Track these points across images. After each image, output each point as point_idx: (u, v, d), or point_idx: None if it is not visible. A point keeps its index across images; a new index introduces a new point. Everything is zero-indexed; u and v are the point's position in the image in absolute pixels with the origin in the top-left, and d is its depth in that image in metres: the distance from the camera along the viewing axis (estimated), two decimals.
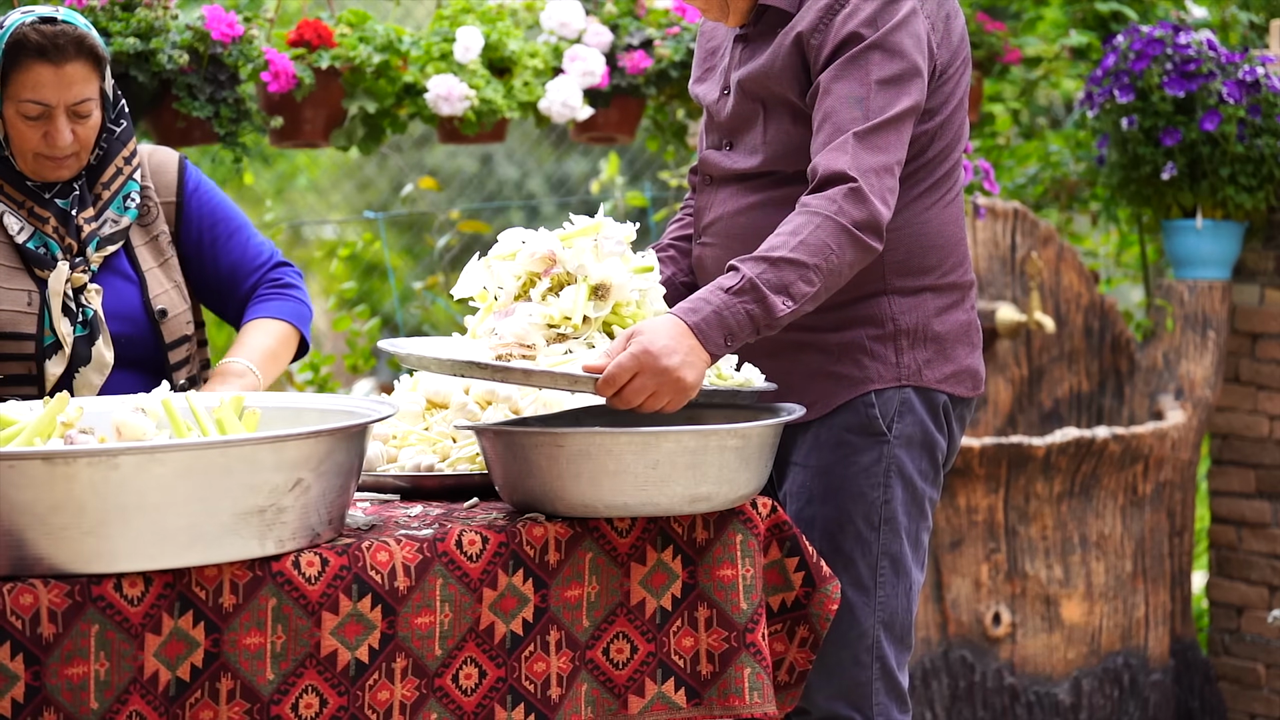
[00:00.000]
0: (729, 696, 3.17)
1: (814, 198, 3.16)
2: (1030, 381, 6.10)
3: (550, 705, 3.04)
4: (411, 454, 3.43)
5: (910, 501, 3.42)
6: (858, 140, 3.19)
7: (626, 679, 3.12)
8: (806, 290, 3.10)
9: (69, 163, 3.68)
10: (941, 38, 3.35)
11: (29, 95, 3.61)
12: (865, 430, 3.39)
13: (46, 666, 2.60)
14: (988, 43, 6.36)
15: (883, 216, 3.18)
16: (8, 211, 3.67)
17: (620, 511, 3.06)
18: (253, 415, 2.96)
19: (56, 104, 3.62)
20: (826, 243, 3.12)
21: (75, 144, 3.66)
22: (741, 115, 3.42)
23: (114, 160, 3.76)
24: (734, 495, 3.12)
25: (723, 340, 3.05)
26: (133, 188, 3.76)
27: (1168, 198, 5.98)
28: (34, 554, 2.61)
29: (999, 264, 6.00)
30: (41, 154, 3.66)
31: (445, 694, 2.94)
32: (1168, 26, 5.91)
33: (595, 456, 3.02)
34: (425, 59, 5.41)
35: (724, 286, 3.07)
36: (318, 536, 2.84)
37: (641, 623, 3.13)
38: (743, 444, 3.08)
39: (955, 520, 5.59)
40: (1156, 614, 5.87)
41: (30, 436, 2.82)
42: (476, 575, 2.97)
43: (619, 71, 5.64)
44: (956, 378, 3.46)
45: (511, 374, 2.98)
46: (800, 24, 3.30)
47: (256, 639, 2.76)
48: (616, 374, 2.96)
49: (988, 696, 5.62)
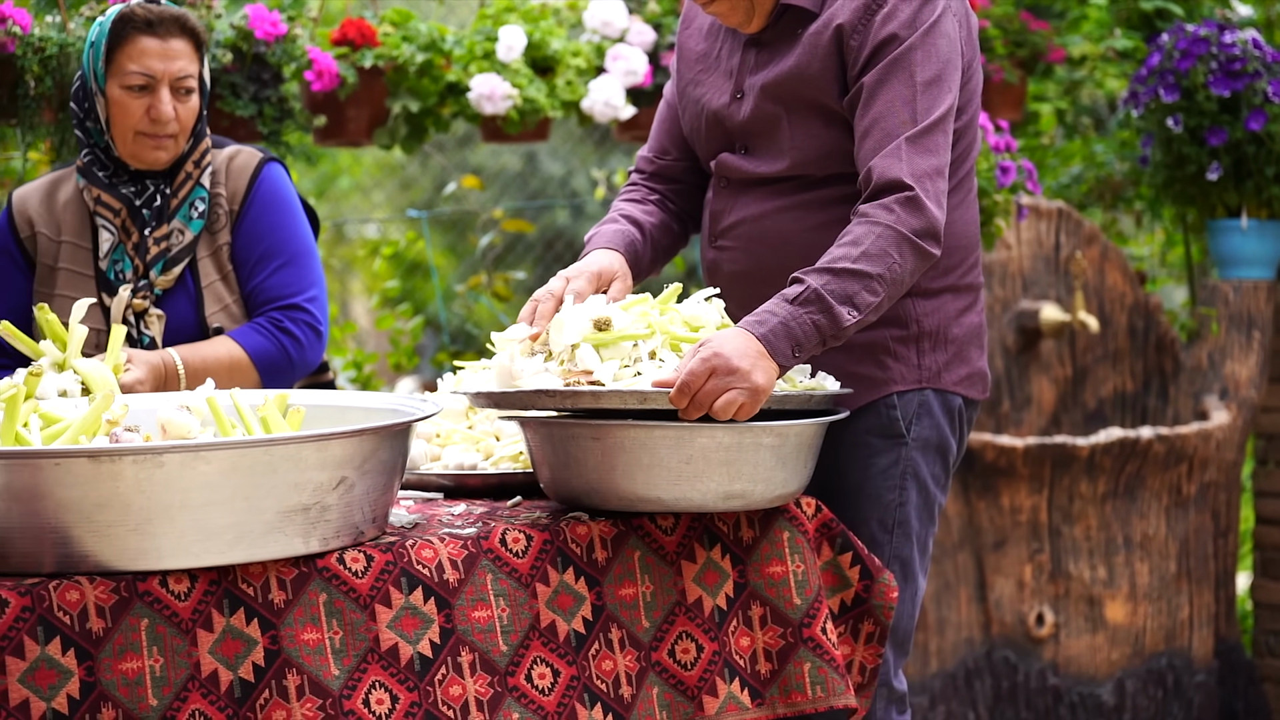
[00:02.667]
0: (791, 694, 3.17)
1: (871, 206, 3.16)
2: (1074, 381, 6.08)
3: (624, 705, 3.03)
4: (455, 452, 3.44)
5: (922, 505, 3.42)
6: (910, 144, 3.18)
7: (697, 679, 3.11)
8: (871, 300, 3.10)
9: (167, 144, 3.73)
10: (966, 35, 3.35)
11: (134, 66, 3.69)
12: (884, 432, 3.39)
13: (99, 661, 2.61)
14: (1031, 42, 6.34)
15: (939, 222, 3.17)
16: (104, 225, 3.72)
17: (654, 506, 3.06)
18: (297, 414, 2.97)
19: (160, 76, 3.70)
20: (888, 251, 3.11)
21: (175, 123, 3.70)
22: (761, 119, 3.39)
23: (184, 166, 3.79)
24: (770, 494, 3.11)
25: (790, 351, 3.04)
26: (200, 194, 3.79)
27: (1212, 197, 5.95)
28: (80, 551, 2.62)
29: (1043, 263, 5.98)
30: (143, 132, 3.71)
31: (523, 694, 2.93)
32: (1213, 25, 5.88)
33: (631, 450, 3.02)
34: (468, 58, 5.42)
35: (789, 298, 3.07)
36: (361, 535, 2.84)
37: (702, 620, 3.13)
38: (779, 442, 3.08)
39: (999, 520, 5.57)
40: (1201, 615, 5.84)
41: (76, 434, 2.83)
42: (526, 571, 2.97)
43: (662, 70, 5.64)
44: (971, 380, 3.46)
45: (581, 398, 2.98)
46: (839, 18, 3.28)
47: (314, 634, 2.76)
48: (689, 381, 2.95)
49: (1031, 697, 5.60)
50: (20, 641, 2.56)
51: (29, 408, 2.89)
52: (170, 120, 3.72)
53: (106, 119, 3.74)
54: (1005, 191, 5.34)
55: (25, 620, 2.57)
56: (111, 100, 3.72)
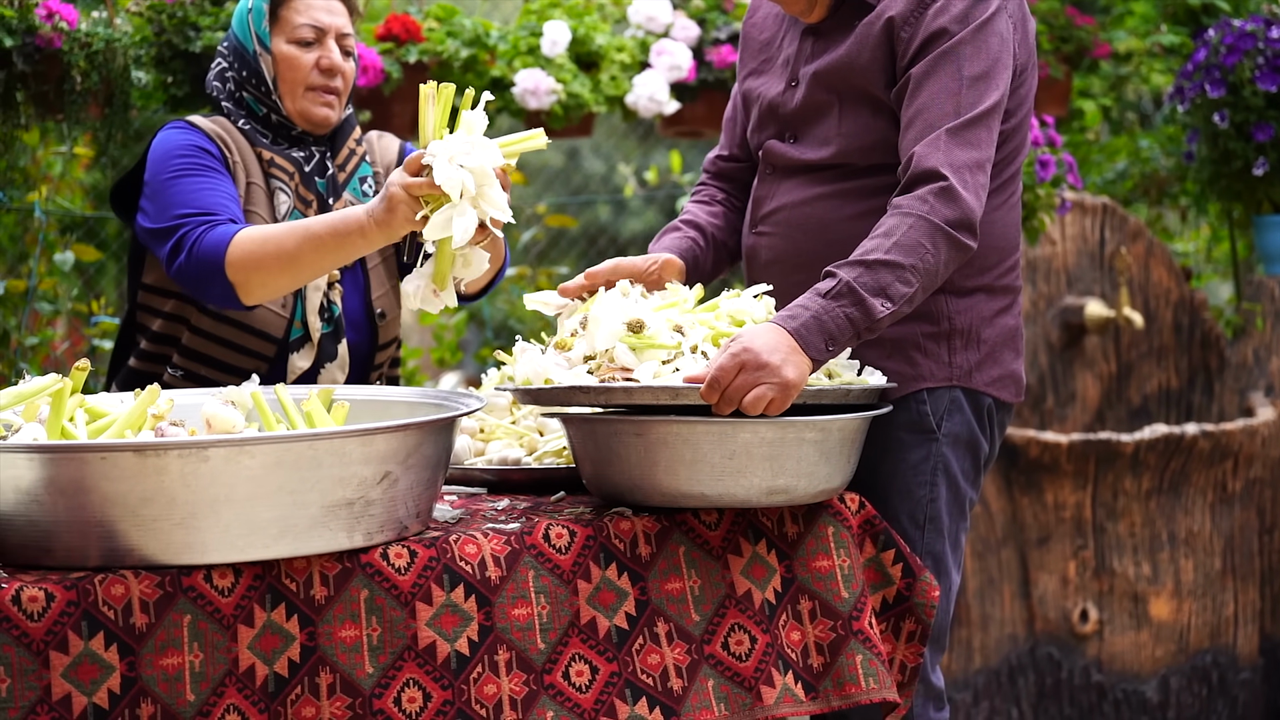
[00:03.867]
0: (845, 685, 3.16)
1: (905, 198, 3.16)
2: (1119, 378, 6.06)
3: (673, 697, 3.02)
4: (498, 447, 3.44)
5: (953, 501, 3.41)
6: (950, 136, 3.18)
7: (753, 670, 3.10)
8: (905, 291, 3.09)
9: (334, 101, 3.75)
10: (1021, 38, 3.34)
11: (302, 19, 3.74)
12: (915, 428, 3.38)
13: (141, 657, 2.62)
14: (1077, 37, 6.32)
15: (975, 213, 3.16)
16: (281, 186, 3.72)
17: (698, 502, 3.06)
18: (341, 408, 2.97)
19: (328, 28, 3.76)
20: (921, 242, 3.11)
21: (342, 79, 3.74)
22: (812, 107, 3.40)
23: (346, 143, 3.82)
24: (814, 489, 3.11)
25: (824, 345, 3.03)
26: (366, 170, 3.82)
27: (1258, 193, 5.93)
28: (125, 545, 2.63)
29: (1088, 259, 5.96)
30: (313, 86, 3.73)
31: (559, 691, 2.93)
32: (1259, 20, 5.86)
33: (673, 445, 3.02)
34: (513, 53, 5.43)
35: (821, 291, 3.06)
36: (405, 529, 2.84)
37: (753, 613, 3.12)
38: (822, 437, 3.07)
39: (1043, 516, 5.56)
40: (1246, 612, 5.82)
41: (121, 429, 2.84)
42: (568, 567, 2.97)
43: (706, 65, 5.64)
44: (1002, 382, 3.44)
45: (614, 393, 2.99)
46: (891, 9, 3.28)
47: (352, 632, 2.77)
48: (719, 375, 2.95)
49: (1075, 694, 5.59)
50: (64, 636, 2.57)
51: (75, 402, 2.90)
52: (340, 70, 3.76)
53: (274, 78, 3.76)
54: (1047, 186, 5.32)
55: (70, 615, 2.58)
56: (279, 57, 3.74)
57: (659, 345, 3.05)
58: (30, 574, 2.63)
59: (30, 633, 2.55)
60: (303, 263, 3.38)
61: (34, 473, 2.62)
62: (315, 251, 3.35)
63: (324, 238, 3.34)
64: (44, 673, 2.55)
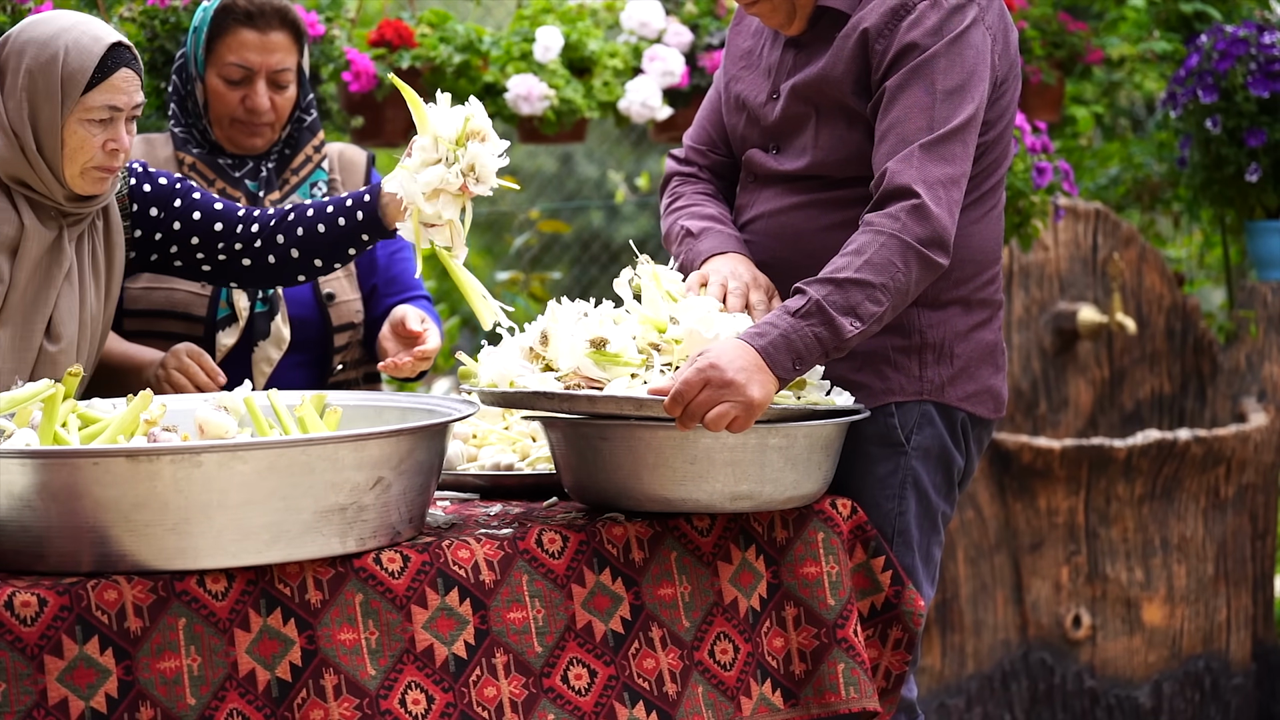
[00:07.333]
0: (825, 694, 3.16)
1: (877, 215, 3.13)
2: (1111, 383, 6.06)
3: (669, 702, 3.03)
4: (491, 453, 3.45)
5: (923, 515, 3.38)
6: (924, 151, 3.16)
7: (735, 680, 3.11)
8: (874, 310, 3.07)
9: (264, 130, 3.79)
10: (1002, 49, 3.31)
11: (232, 58, 3.75)
12: (883, 441, 3.35)
13: (137, 660, 2.62)
14: (1070, 43, 6.33)
15: (948, 231, 3.14)
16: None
17: (662, 506, 3.07)
18: (334, 414, 2.98)
19: (258, 68, 3.76)
20: (892, 261, 3.09)
21: (271, 113, 3.76)
22: (791, 119, 3.38)
23: (304, 149, 3.87)
24: (781, 495, 3.10)
25: (791, 364, 3.02)
26: (320, 177, 3.86)
27: (1251, 198, 5.93)
28: (118, 550, 2.63)
29: (1080, 265, 5.97)
30: (239, 119, 3.75)
31: (558, 694, 2.94)
32: (1252, 26, 5.86)
33: (636, 450, 3.04)
34: (505, 59, 5.43)
35: (790, 309, 3.05)
36: (398, 535, 2.85)
37: (737, 622, 3.13)
38: (787, 444, 3.07)
39: (1035, 522, 5.56)
40: (1238, 617, 5.83)
41: (114, 434, 2.84)
42: (561, 572, 2.98)
43: (699, 71, 5.64)
44: (978, 398, 3.40)
45: (578, 401, 2.99)
46: (866, 21, 3.26)
47: (350, 635, 2.77)
48: (683, 390, 2.94)
49: (1068, 699, 5.59)
50: (59, 640, 2.57)
51: (67, 408, 2.90)
52: (265, 112, 3.79)
53: (204, 104, 3.81)
54: (1042, 193, 5.32)
55: (64, 619, 2.58)
56: (210, 88, 3.80)
57: (623, 363, 3.05)
58: (23, 579, 2.63)
59: (24, 637, 2.55)
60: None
61: (27, 478, 2.62)
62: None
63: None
64: (39, 677, 2.55)
